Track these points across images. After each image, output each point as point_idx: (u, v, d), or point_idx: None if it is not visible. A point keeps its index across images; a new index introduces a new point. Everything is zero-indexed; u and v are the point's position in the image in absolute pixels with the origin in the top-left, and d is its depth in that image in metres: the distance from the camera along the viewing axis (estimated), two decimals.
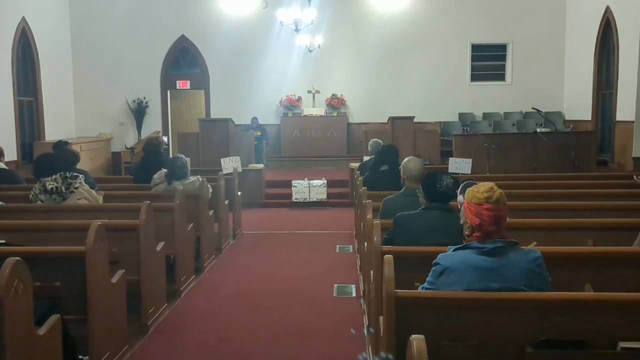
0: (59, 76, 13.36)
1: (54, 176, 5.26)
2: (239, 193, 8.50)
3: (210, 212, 6.81)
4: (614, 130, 11.68)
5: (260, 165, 11.06)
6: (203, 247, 6.43)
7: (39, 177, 5.35)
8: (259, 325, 4.76)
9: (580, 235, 4.07)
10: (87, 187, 5.43)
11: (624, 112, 11.17)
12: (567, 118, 13.85)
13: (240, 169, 8.85)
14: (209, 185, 6.77)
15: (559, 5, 14.07)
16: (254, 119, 13.79)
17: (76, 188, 5.25)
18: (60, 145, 7.08)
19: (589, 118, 12.75)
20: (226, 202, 7.64)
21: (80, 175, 5.44)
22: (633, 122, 10.74)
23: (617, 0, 11.54)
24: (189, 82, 14.93)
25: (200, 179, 6.50)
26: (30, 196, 5.35)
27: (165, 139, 12.95)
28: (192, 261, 6.05)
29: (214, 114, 14.39)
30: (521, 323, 2.46)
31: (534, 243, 3.28)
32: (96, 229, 3.72)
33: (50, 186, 5.20)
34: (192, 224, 6.02)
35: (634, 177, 6.63)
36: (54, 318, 3.08)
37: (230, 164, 8.67)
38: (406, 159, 4.68)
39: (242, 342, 4.43)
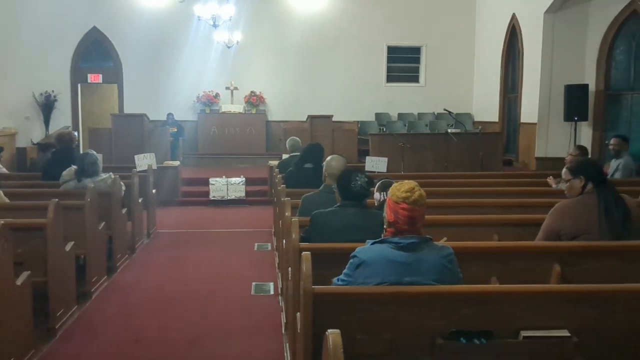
0: None
1: None
2: (154, 191, 8.30)
3: (123, 211, 6.61)
4: (519, 131, 12.34)
5: (177, 163, 10.83)
6: (115, 247, 6.23)
7: None
8: (174, 326, 4.67)
9: (487, 231, 4.27)
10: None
11: (527, 114, 11.83)
12: (476, 119, 14.49)
13: (155, 166, 8.64)
14: (121, 183, 6.56)
15: (469, 11, 14.69)
16: (170, 115, 13.49)
17: None
18: None
19: (496, 120, 13.40)
20: (140, 200, 7.43)
21: None
22: (536, 124, 11.40)
23: (522, 7, 12.19)
24: (101, 75, 14.40)
25: (113, 176, 6.29)
26: None
27: (75, 134, 12.44)
28: (103, 261, 5.85)
29: (127, 109, 13.95)
30: (432, 316, 2.56)
31: (445, 239, 3.41)
32: None
33: None
34: (103, 222, 5.82)
35: (548, 179, 6.94)
36: None
37: (144, 161, 8.44)
38: (330, 157, 4.74)
39: (157, 344, 4.33)
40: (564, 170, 4.00)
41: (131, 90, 14.17)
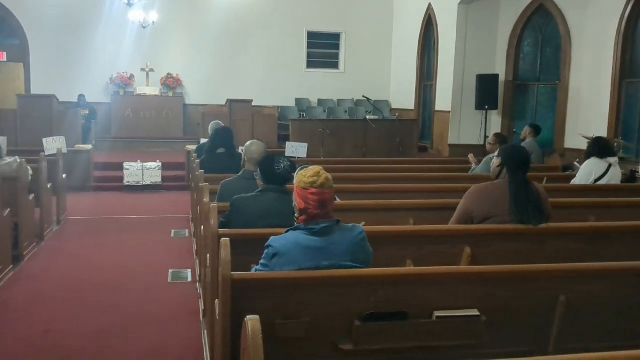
0: None
1: None
2: (65, 176, 7.94)
3: (31, 197, 6.29)
4: (434, 119, 12.74)
5: (89, 147, 10.39)
6: (22, 235, 5.91)
7: None
8: (86, 316, 4.51)
9: (404, 215, 4.39)
10: None
11: (442, 103, 12.22)
12: (393, 107, 14.82)
13: (65, 150, 8.28)
14: (28, 167, 6.24)
15: (387, 0, 14.93)
16: (81, 96, 12.89)
17: None
18: None
19: (413, 107, 13.76)
20: (49, 186, 7.10)
21: None
22: (449, 112, 11.80)
23: None
24: (5, 53, 13.56)
25: (19, 160, 5.97)
26: None
27: None
28: (9, 250, 5.55)
29: (35, 90, 13.21)
30: (349, 298, 2.60)
31: (363, 223, 3.47)
32: None
33: None
34: (8, 209, 5.52)
35: (470, 156, 7.39)
36: None
37: (53, 145, 8.08)
38: (249, 142, 4.68)
39: (67, 334, 4.16)
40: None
41: (39, 70, 13.43)
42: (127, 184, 9.93)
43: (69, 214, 7.97)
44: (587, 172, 5.87)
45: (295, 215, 2.77)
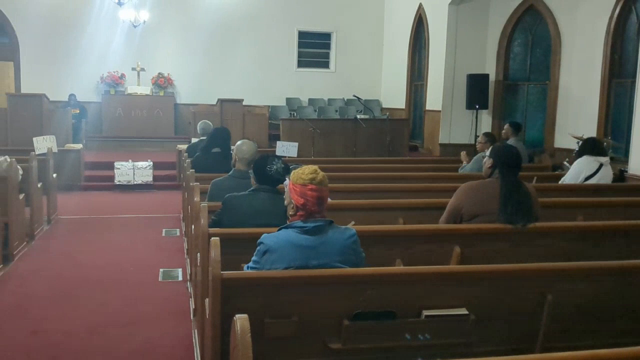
0: None
1: None
2: (55, 175, 7.91)
3: (21, 196, 6.27)
4: (424, 118, 12.78)
5: (79, 146, 10.35)
6: (12, 234, 5.89)
7: None
8: (75, 315, 4.50)
9: (393, 215, 4.40)
10: None
11: (432, 102, 12.26)
12: (384, 106, 14.84)
13: (55, 149, 8.26)
14: (19, 167, 6.22)
15: (378, 0, 14.95)
16: (72, 95, 12.84)
17: None
18: None
19: (403, 107, 13.79)
20: (39, 185, 7.07)
21: None
22: (440, 111, 11.84)
23: None
24: None
25: (9, 160, 5.94)
26: None
27: None
28: None
29: (25, 89, 13.14)
30: (338, 297, 2.61)
31: (352, 222, 3.49)
32: None
33: None
34: None
35: (462, 153, 7.49)
36: None
37: (44, 144, 8.06)
38: (240, 142, 4.69)
39: (56, 334, 4.15)
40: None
41: (29, 69, 13.35)
42: (117, 183, 9.90)
43: (59, 213, 7.94)
44: (577, 170, 5.90)
45: (290, 213, 2.78)
